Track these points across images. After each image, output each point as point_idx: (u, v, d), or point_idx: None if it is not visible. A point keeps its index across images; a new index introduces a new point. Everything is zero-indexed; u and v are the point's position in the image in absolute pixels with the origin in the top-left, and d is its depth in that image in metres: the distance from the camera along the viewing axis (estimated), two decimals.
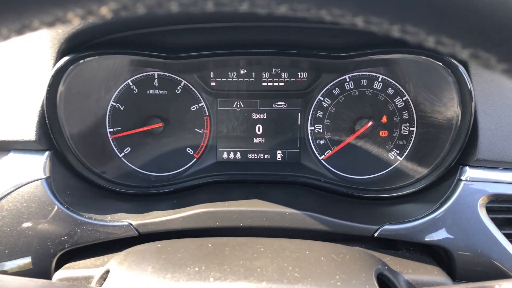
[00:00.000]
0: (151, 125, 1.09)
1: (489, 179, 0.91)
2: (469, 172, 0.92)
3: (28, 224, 0.90)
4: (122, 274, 0.69)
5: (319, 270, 0.68)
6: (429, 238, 0.90)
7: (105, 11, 0.32)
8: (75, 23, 0.34)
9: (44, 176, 0.92)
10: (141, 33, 0.96)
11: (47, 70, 0.94)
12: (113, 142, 1.11)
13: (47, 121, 0.94)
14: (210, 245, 0.77)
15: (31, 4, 0.33)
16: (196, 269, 0.67)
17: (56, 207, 0.91)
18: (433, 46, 0.34)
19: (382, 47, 0.95)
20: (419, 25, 0.32)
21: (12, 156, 0.95)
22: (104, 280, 0.72)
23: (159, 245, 0.79)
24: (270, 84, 1.09)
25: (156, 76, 1.09)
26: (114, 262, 0.75)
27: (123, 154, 1.12)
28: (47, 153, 0.95)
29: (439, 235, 0.91)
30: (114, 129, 1.11)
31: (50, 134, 0.95)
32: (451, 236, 0.90)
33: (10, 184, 0.92)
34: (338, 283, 0.64)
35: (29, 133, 0.93)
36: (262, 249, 0.75)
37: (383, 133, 1.10)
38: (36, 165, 0.93)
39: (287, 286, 0.62)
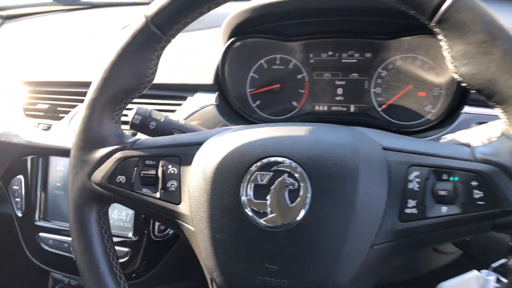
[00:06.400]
0: (273, 85, 1.81)
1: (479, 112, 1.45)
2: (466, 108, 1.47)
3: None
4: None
5: None
6: None
7: None
8: None
9: (215, 103, 1.68)
10: (273, 25, 1.69)
11: (220, 45, 1.71)
12: (250, 97, 1.84)
13: (219, 74, 1.70)
14: None
15: None
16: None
17: (219, 119, 1.65)
18: None
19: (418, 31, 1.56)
20: None
21: (198, 94, 1.72)
22: None
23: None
24: (347, 61, 1.73)
25: (277, 57, 1.80)
26: None
27: (255, 104, 1.83)
28: (217, 93, 1.70)
29: None
30: (251, 89, 1.84)
31: (219, 82, 1.71)
32: None
33: (198, 106, 1.70)
34: None
35: (209, 79, 1.70)
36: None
37: (422, 94, 1.66)
38: (211, 98, 1.69)
39: None
